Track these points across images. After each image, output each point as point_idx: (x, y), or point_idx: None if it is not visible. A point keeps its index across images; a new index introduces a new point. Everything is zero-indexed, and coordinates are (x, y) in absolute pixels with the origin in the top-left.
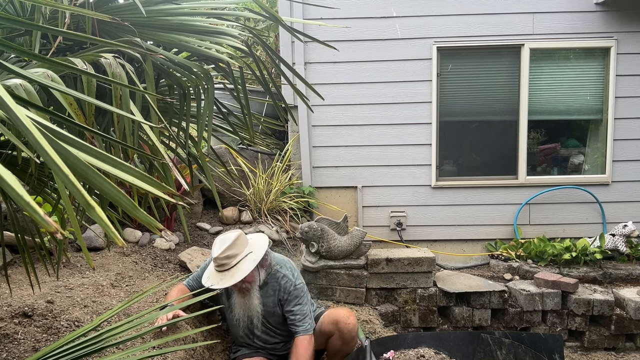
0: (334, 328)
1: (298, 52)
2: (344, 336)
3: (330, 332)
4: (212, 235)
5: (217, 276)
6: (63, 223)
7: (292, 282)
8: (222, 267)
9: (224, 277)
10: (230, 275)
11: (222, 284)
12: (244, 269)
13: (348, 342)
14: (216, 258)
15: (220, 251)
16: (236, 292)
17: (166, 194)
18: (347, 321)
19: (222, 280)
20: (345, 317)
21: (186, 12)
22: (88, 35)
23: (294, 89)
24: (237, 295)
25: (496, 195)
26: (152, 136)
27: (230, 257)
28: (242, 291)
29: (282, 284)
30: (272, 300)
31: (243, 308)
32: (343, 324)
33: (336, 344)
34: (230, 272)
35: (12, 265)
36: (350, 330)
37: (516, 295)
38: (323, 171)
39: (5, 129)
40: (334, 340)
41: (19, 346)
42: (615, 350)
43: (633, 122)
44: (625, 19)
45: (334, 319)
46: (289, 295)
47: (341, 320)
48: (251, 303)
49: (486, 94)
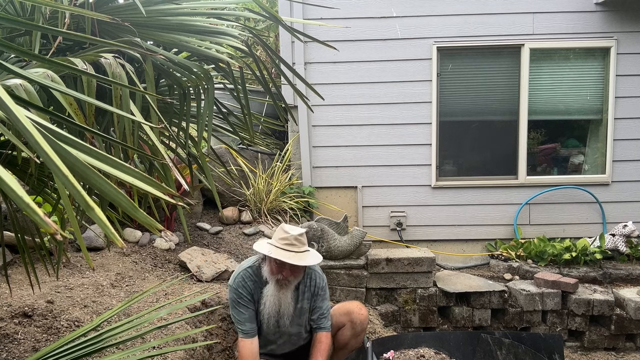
0: (347, 319)
1: (298, 52)
2: (356, 327)
3: (342, 323)
4: (212, 235)
5: (284, 254)
6: (63, 223)
7: (322, 277)
8: (293, 246)
9: (293, 257)
10: (299, 257)
11: (293, 261)
12: (312, 259)
13: (358, 334)
14: (292, 236)
15: (298, 232)
16: (274, 282)
17: (166, 194)
18: (360, 312)
19: (291, 259)
20: (358, 308)
21: (186, 12)
22: (88, 36)
23: (294, 89)
24: (273, 287)
25: (496, 195)
26: (152, 136)
27: (301, 242)
28: (282, 283)
29: (313, 279)
30: (307, 296)
31: (276, 302)
32: (356, 314)
33: (346, 335)
34: (298, 255)
35: (12, 265)
36: (362, 321)
37: (516, 295)
38: (323, 171)
39: (5, 129)
40: (345, 331)
41: (19, 346)
42: (615, 350)
43: (633, 122)
44: (625, 19)
45: (346, 310)
46: (321, 290)
47: (354, 311)
48: (286, 297)
49: (486, 94)
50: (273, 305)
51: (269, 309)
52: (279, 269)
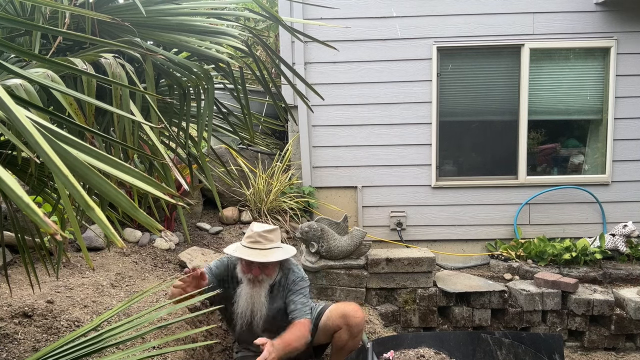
0: (342, 322)
1: (298, 52)
2: (352, 330)
3: (338, 326)
4: (212, 235)
5: (247, 251)
6: (63, 223)
7: (298, 275)
8: (257, 244)
9: (256, 255)
10: (262, 254)
11: (253, 258)
12: (278, 255)
13: (355, 335)
14: (256, 233)
15: (262, 229)
16: (247, 281)
17: (166, 194)
18: (355, 315)
19: (252, 256)
20: (354, 310)
21: (186, 12)
22: (88, 36)
23: (294, 89)
24: (246, 285)
25: (496, 195)
26: (152, 136)
27: (267, 239)
28: (254, 282)
29: (289, 277)
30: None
31: (248, 300)
32: (352, 318)
33: (343, 338)
34: (262, 252)
35: (12, 265)
36: (358, 324)
37: (516, 295)
38: (323, 171)
39: (5, 129)
40: (341, 334)
41: (19, 346)
42: (615, 350)
43: (633, 122)
44: (625, 19)
45: (342, 313)
46: (295, 286)
47: (350, 314)
48: (259, 296)
49: (486, 94)
50: (246, 303)
51: (243, 308)
52: (248, 267)
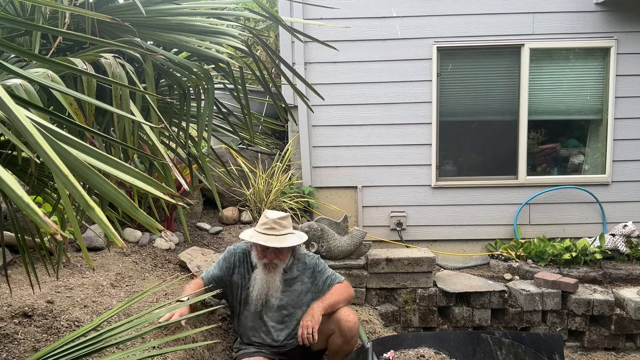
0: (335, 326)
1: (298, 52)
2: (345, 334)
3: (332, 330)
4: (212, 235)
5: (263, 237)
6: (63, 223)
7: (312, 256)
8: (272, 230)
9: (272, 240)
10: (278, 240)
11: (270, 243)
12: (292, 240)
13: (349, 340)
14: (271, 220)
15: (277, 216)
16: (262, 266)
17: (166, 194)
18: (347, 319)
19: (268, 241)
20: (346, 315)
21: (186, 12)
22: (88, 36)
23: (294, 89)
24: (262, 271)
25: (496, 195)
26: (152, 136)
27: (282, 225)
28: (269, 267)
29: (307, 262)
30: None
31: (264, 285)
32: (344, 322)
33: (337, 343)
34: (278, 237)
35: (12, 265)
36: (350, 328)
37: (516, 295)
38: (323, 171)
39: (5, 129)
40: (335, 338)
41: (19, 346)
42: (615, 350)
43: (633, 122)
44: (625, 19)
45: (334, 317)
46: (317, 267)
47: (342, 319)
48: (274, 281)
49: (486, 94)
50: (262, 288)
51: (259, 291)
52: (263, 253)
